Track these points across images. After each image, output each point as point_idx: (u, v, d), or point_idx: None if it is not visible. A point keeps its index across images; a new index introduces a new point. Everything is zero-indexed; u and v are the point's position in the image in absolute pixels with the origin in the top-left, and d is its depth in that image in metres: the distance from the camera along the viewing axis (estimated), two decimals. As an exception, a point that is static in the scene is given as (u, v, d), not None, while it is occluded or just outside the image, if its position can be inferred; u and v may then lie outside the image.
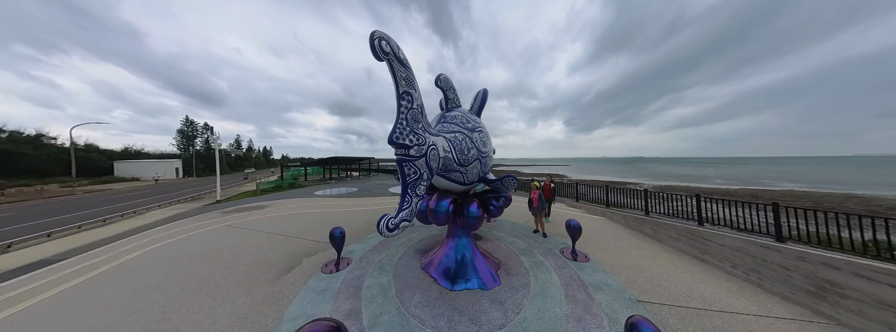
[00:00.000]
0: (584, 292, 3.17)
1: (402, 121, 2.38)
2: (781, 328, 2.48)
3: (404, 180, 2.46)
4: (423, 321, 2.68)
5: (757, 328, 2.47)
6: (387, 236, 2.27)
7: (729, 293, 3.09)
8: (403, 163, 2.46)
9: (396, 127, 2.36)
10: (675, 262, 4.05)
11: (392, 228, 2.28)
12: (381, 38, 2.13)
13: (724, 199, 4.35)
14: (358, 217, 7.30)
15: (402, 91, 2.35)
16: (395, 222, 2.29)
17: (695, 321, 2.58)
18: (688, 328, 2.47)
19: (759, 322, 2.56)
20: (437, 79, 3.62)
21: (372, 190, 15.43)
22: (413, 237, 5.20)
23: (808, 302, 2.75)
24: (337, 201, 10.45)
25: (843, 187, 27.20)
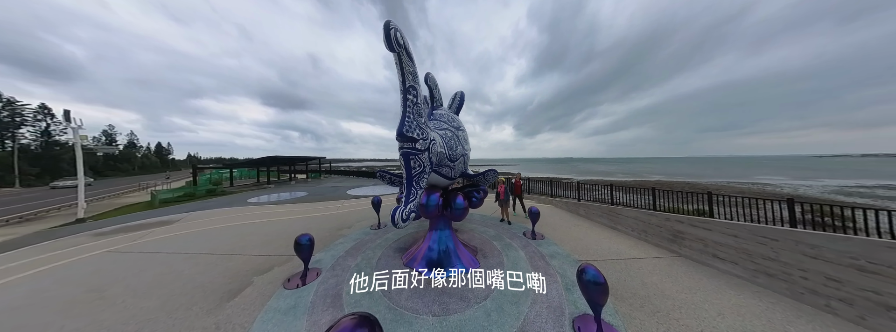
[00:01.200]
0: (543, 260, 4.16)
1: (409, 115, 2.36)
2: (653, 263, 3.98)
3: (409, 172, 2.49)
4: (416, 311, 2.75)
5: (643, 265, 3.90)
6: (400, 228, 2.41)
7: (628, 247, 4.64)
8: (409, 156, 2.47)
9: (405, 121, 2.35)
10: (599, 232, 5.63)
11: (405, 218, 2.43)
12: (396, 28, 2.07)
13: (625, 187, 6.29)
14: (316, 224, 6.66)
15: (408, 85, 2.33)
16: (407, 212, 2.36)
17: (610, 267, 3.86)
18: (606, 271, 3.71)
19: (644, 261, 4.04)
20: (426, 77, 3.93)
21: (326, 194, 14.28)
22: (389, 238, 5.18)
23: (667, 245, 4.44)
24: (282, 209, 9.39)
25: (683, 176, 43.57)
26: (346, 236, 5.39)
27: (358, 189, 16.52)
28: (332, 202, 10.48)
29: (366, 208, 8.45)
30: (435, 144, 2.73)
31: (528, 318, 2.62)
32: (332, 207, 9.27)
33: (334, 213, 8.14)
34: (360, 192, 15.02)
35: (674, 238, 4.35)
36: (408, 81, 2.33)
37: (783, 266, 2.98)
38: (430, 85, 3.96)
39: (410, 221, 2.44)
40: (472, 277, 3.15)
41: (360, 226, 6.32)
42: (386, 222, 6.27)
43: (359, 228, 6.15)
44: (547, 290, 3.09)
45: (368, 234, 5.55)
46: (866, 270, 2.42)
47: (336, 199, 11.51)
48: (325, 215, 7.93)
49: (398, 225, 2.31)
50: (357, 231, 5.80)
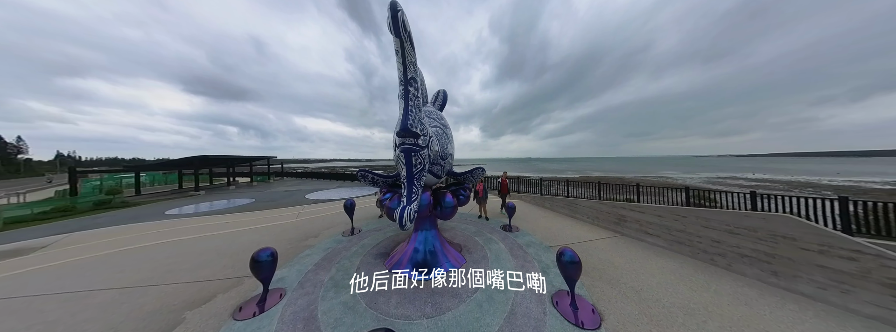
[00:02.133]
0: (521, 250, 4.77)
1: (412, 108, 2.23)
2: (605, 242, 4.97)
3: (410, 170, 2.40)
4: (408, 318, 2.65)
5: (597, 245, 4.83)
6: (407, 230, 2.30)
7: (586, 232, 5.63)
8: (412, 153, 2.36)
9: (408, 115, 2.22)
10: (562, 221, 6.61)
11: (413, 218, 2.40)
12: (403, 11, 1.90)
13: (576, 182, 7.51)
14: (271, 236, 5.78)
15: (409, 76, 2.17)
16: (412, 210, 2.25)
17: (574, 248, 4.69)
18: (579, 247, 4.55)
19: (598, 242, 5.00)
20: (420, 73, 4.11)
21: (279, 199, 12.85)
22: (366, 244, 4.90)
23: (614, 227, 5.57)
24: (219, 220, 8.10)
25: (614, 172, 53.67)
26: (313, 247, 4.83)
27: (319, 193, 15.22)
28: (288, 209, 9.46)
29: (334, 214, 7.92)
30: (433, 141, 2.73)
31: (516, 301, 2.94)
32: (289, 214, 8.36)
33: (293, 221, 7.31)
34: (322, 196, 13.89)
35: (618, 221, 5.48)
36: (409, 71, 2.15)
37: (688, 236, 4.15)
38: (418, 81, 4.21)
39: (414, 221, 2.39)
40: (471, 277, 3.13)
41: (330, 234, 5.80)
42: (361, 227, 6.09)
43: (328, 236, 5.62)
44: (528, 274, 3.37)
45: (341, 242, 5.12)
46: (733, 233, 3.60)
47: (293, 205, 10.46)
48: (280, 224, 7.04)
49: (405, 226, 2.25)
50: (326, 240, 5.28)
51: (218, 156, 19.04)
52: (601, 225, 5.94)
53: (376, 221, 6.91)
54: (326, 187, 18.65)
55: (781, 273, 3.13)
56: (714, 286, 3.26)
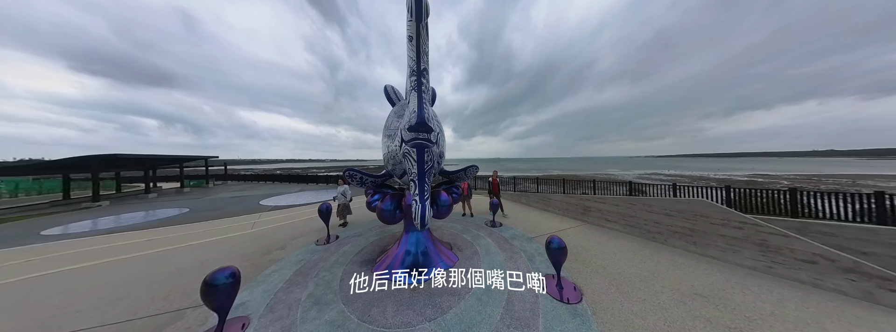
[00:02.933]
0: (507, 243, 5.34)
1: (425, 102, 2.15)
2: (575, 230, 5.88)
3: (421, 167, 2.33)
4: (409, 324, 2.59)
5: (570, 232, 5.70)
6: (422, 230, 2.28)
7: (558, 222, 6.54)
8: (424, 149, 2.30)
9: (422, 108, 2.12)
10: (538, 214, 7.48)
11: (432, 217, 2.51)
12: None
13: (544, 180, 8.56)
14: (219, 254, 4.90)
15: (423, 67, 2.05)
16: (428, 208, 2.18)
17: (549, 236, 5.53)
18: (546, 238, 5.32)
19: (569, 230, 5.88)
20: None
21: (224, 207, 10.79)
22: (347, 252, 4.59)
23: (581, 217, 6.58)
24: (135, 239, 6.21)
25: (571, 171, 61.02)
26: (281, 261, 4.26)
27: (278, 198, 13.59)
28: (239, 219, 8.07)
29: (300, 221, 7.29)
30: (442, 137, 2.73)
31: (510, 290, 3.20)
32: (242, 224, 7.29)
33: (248, 233, 6.30)
34: (281, 201, 12.47)
35: (584, 212, 6.49)
36: (423, 62, 2.03)
37: (637, 220, 5.21)
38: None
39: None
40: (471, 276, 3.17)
41: (300, 244, 5.16)
42: (337, 233, 5.75)
43: (298, 246, 5.01)
44: (516, 264, 3.91)
45: (316, 252, 4.65)
46: (669, 215, 4.70)
47: (245, 213, 9.02)
48: (231, 238, 5.98)
49: (426, 226, 2.21)
50: (297, 251, 4.71)
51: (130, 155, 15.30)
52: (570, 216, 6.94)
53: (355, 227, 6.44)
54: (285, 190, 16.86)
55: (698, 242, 4.24)
56: (656, 257, 4.25)
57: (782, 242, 3.45)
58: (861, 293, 2.92)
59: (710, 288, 3.26)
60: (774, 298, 3.03)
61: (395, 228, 5.90)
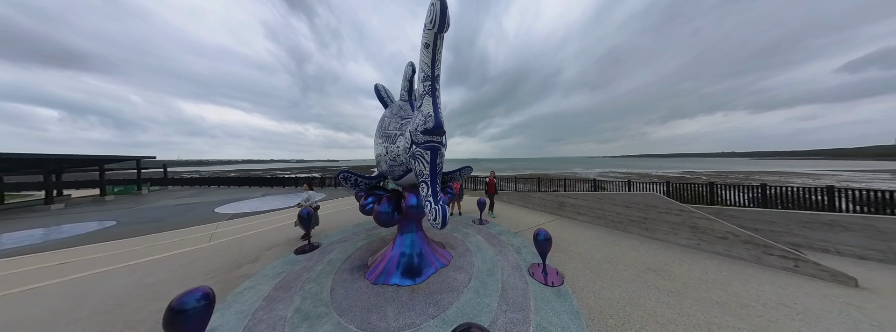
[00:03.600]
0: (495, 239, 5.93)
1: (439, 105, 2.27)
2: (552, 223, 6.71)
3: (433, 169, 2.43)
4: (413, 325, 2.65)
5: (548, 226, 6.49)
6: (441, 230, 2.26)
7: (538, 217, 7.37)
8: (437, 151, 2.41)
9: (439, 112, 2.25)
10: (520, 210, 8.28)
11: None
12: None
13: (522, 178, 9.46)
14: (168, 272, 4.28)
15: (436, 73, 2.19)
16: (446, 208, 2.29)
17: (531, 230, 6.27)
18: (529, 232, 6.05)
19: (548, 223, 6.72)
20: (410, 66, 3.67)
21: (165, 218, 9.07)
22: (333, 260, 4.38)
23: (557, 212, 7.50)
24: (43, 262, 4.96)
25: (543, 170, 65.77)
26: (254, 277, 3.88)
27: (236, 205, 11.90)
28: (189, 231, 6.95)
29: (270, 230, 6.67)
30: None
31: (504, 280, 3.63)
32: (195, 237, 6.32)
33: (205, 247, 5.53)
34: (242, 208, 10.96)
35: (560, 207, 7.41)
36: (437, 68, 2.16)
37: (603, 212, 6.20)
38: (408, 78, 3.72)
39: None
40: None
41: (276, 255, 4.75)
42: (319, 242, 5.38)
43: (273, 258, 4.61)
44: (506, 257, 4.45)
45: (297, 262, 4.31)
46: (627, 207, 5.72)
47: (196, 224, 7.83)
48: (184, 253, 5.18)
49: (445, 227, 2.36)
50: (274, 263, 4.31)
51: (16, 154, 11.72)
52: (548, 211, 7.85)
53: (339, 232, 6.23)
54: (245, 195, 15.22)
55: (649, 228, 5.29)
56: (619, 242, 5.19)
57: (706, 224, 4.55)
58: (753, 258, 4.07)
59: (658, 264, 4.20)
60: (700, 267, 4.05)
61: (384, 231, 6.15)
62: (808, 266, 3.62)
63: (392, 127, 3.47)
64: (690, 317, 2.85)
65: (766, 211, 4.69)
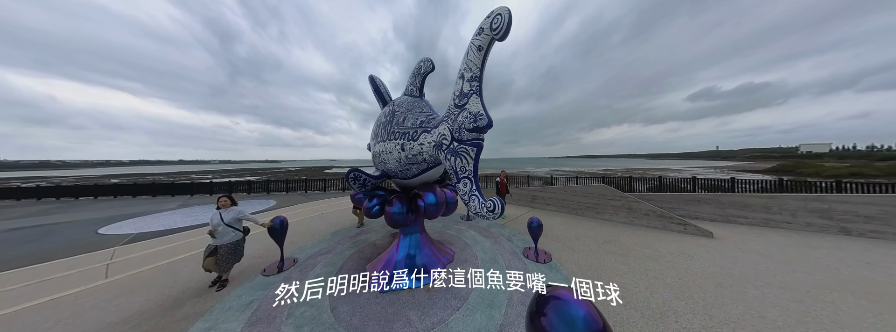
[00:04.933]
0: (487, 231, 6.99)
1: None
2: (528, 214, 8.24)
3: (477, 165, 2.52)
4: (443, 322, 2.73)
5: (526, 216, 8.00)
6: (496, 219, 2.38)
7: (515, 210, 8.83)
8: (481, 148, 2.51)
9: (487, 110, 2.34)
10: (499, 205, 9.76)
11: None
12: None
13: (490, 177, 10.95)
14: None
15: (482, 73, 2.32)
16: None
17: (518, 222, 7.66)
18: (513, 223, 7.42)
19: (524, 215, 8.20)
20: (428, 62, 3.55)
21: (41, 239, 6.75)
22: (320, 274, 4.01)
23: (530, 204, 9.17)
24: None
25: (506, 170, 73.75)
26: (210, 313, 3.02)
27: (135, 222, 8.89)
28: (65, 264, 4.95)
29: (185, 258, 5.01)
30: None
31: (505, 263, 4.41)
32: (82, 272, 4.53)
33: (101, 285, 4.01)
34: (146, 226, 8.12)
35: (532, 200, 9.06)
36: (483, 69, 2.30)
37: (567, 202, 8.00)
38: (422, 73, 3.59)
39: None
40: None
41: (233, 281, 3.86)
42: (294, 256, 4.77)
43: (233, 285, 3.73)
44: (501, 245, 5.85)
45: (270, 285, 3.58)
46: (584, 196, 7.59)
47: (72, 253, 5.55)
48: (70, 297, 3.66)
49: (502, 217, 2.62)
50: (235, 291, 3.50)
51: None
52: (523, 204, 9.44)
53: (317, 242, 5.61)
54: (149, 208, 11.44)
55: (600, 212, 7.23)
56: (581, 224, 6.95)
57: (636, 206, 6.60)
58: (662, 226, 6.22)
59: (609, 236, 5.98)
60: (635, 236, 5.97)
61: (372, 236, 6.03)
62: (690, 228, 5.84)
63: (409, 123, 3.29)
64: (634, 268, 4.45)
65: (664, 194, 7.11)
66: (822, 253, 4.83)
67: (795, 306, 3.16)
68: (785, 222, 6.21)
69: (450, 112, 2.61)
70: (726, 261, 4.58)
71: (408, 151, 3.20)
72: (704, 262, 4.58)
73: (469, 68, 2.36)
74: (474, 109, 2.37)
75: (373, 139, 3.97)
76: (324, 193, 16.18)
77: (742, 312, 3.04)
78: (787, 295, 3.40)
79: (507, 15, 2.01)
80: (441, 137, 2.68)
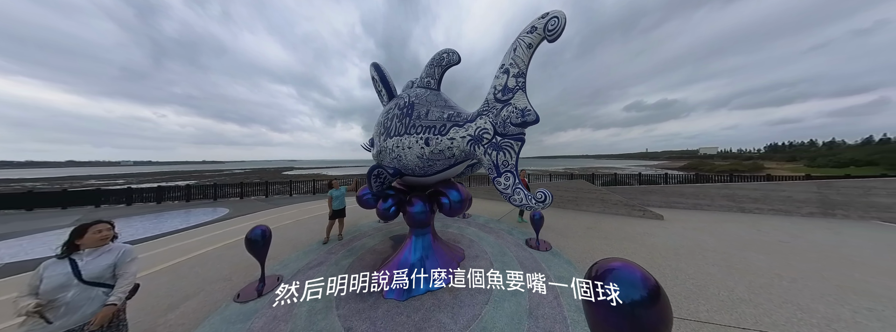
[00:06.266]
0: (487, 227, 7.70)
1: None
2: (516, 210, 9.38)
3: (518, 158, 2.61)
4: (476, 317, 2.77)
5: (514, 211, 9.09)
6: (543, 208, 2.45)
7: (505, 206, 9.88)
8: (523, 142, 2.60)
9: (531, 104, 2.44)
10: (488, 203, 10.53)
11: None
12: None
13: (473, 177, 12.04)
14: None
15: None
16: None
17: (510, 217, 8.64)
18: (508, 217, 8.37)
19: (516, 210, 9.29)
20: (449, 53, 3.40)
21: None
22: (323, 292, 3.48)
23: (518, 200, 10.32)
24: None
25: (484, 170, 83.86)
26: None
27: (21, 242, 6.97)
28: None
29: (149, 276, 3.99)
30: None
31: (514, 254, 4.80)
32: None
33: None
34: (25, 251, 6.19)
35: (519, 196, 10.20)
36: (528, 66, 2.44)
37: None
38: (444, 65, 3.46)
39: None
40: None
41: (197, 313, 2.99)
42: (277, 273, 3.95)
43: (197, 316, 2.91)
44: (504, 239, 6.79)
45: (254, 313, 2.88)
46: (566, 191, 8.93)
47: None
48: None
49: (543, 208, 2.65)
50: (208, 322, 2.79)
51: None
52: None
53: (302, 255, 4.84)
54: (22, 227, 8.59)
55: (579, 204, 8.65)
56: (566, 215, 8.24)
57: (607, 197, 8.13)
58: (627, 213, 7.84)
59: (591, 224, 7.32)
60: (611, 222, 7.43)
61: (370, 242, 5.74)
62: (647, 213, 7.52)
63: (434, 116, 3.17)
64: (615, 247, 5.71)
65: (624, 188, 8.88)
66: (731, 226, 6.83)
67: (725, 262, 4.66)
68: (707, 204, 8.39)
69: (490, 107, 2.63)
70: (677, 236, 6.17)
71: (434, 146, 3.05)
72: (663, 238, 6.09)
73: (516, 64, 2.41)
74: (521, 104, 2.45)
75: (380, 134, 3.67)
76: (290, 197, 15.12)
77: (694, 271, 4.36)
78: (719, 256, 4.92)
79: (563, 18, 2.13)
80: (482, 132, 2.66)
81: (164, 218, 9.61)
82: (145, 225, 8.52)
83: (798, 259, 4.75)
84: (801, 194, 7.76)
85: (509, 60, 2.45)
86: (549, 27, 2.20)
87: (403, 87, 4.30)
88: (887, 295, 3.47)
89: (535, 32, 2.29)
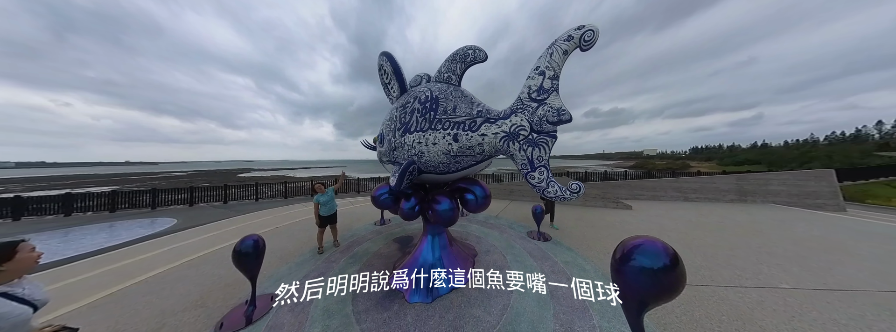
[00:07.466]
0: (489, 223, 8.53)
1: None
2: (512, 205, 10.40)
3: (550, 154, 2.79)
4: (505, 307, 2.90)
5: (510, 207, 10.10)
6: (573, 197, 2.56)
7: (498, 204, 10.87)
8: (556, 139, 2.77)
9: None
10: (482, 200, 11.52)
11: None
12: None
13: (480, 172, 12.88)
14: None
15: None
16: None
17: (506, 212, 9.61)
18: (506, 213, 9.34)
19: (509, 206, 10.30)
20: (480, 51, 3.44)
21: None
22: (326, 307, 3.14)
23: (508, 197, 11.38)
24: None
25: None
26: None
27: None
28: None
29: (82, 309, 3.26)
30: None
31: (521, 246, 5.40)
32: None
33: None
34: None
35: (510, 193, 11.24)
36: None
37: (539, 193, 10.50)
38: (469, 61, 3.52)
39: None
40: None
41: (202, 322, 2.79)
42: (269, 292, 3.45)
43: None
44: (508, 234, 7.68)
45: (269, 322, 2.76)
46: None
47: None
48: None
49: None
50: None
51: None
52: (502, 198, 11.53)
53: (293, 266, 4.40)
54: None
55: (565, 199, 9.97)
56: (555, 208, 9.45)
57: (588, 192, 9.52)
58: (605, 204, 9.36)
59: (579, 215, 8.64)
60: (595, 213, 8.83)
61: (373, 246, 5.46)
62: (620, 204, 9.12)
63: (463, 112, 3.23)
64: (602, 234, 6.97)
65: (597, 183, 10.47)
66: (682, 212, 8.69)
67: (683, 240, 6.16)
68: (662, 195, 10.36)
69: (524, 105, 2.83)
70: (645, 222, 7.71)
71: (463, 141, 3.10)
72: (635, 224, 7.55)
73: (551, 67, 2.62)
74: (557, 104, 2.66)
75: (397, 129, 3.56)
76: (256, 202, 13.80)
77: (665, 248, 5.71)
78: (678, 236, 6.44)
79: (597, 32, 2.40)
80: (519, 128, 2.83)
81: (80, 234, 7.68)
82: (52, 245, 6.43)
83: (729, 234, 6.49)
84: (725, 185, 10.16)
85: (545, 63, 2.65)
86: (585, 38, 2.42)
87: (408, 81, 4.21)
88: (785, 255, 5.19)
89: (571, 41, 2.49)
